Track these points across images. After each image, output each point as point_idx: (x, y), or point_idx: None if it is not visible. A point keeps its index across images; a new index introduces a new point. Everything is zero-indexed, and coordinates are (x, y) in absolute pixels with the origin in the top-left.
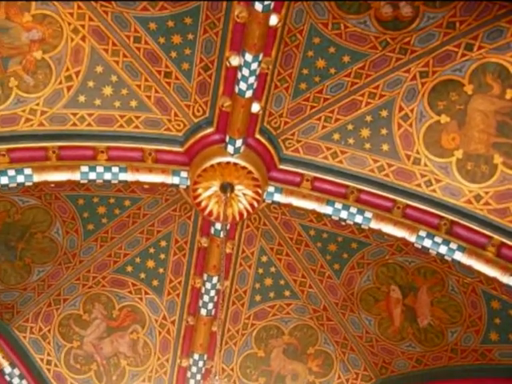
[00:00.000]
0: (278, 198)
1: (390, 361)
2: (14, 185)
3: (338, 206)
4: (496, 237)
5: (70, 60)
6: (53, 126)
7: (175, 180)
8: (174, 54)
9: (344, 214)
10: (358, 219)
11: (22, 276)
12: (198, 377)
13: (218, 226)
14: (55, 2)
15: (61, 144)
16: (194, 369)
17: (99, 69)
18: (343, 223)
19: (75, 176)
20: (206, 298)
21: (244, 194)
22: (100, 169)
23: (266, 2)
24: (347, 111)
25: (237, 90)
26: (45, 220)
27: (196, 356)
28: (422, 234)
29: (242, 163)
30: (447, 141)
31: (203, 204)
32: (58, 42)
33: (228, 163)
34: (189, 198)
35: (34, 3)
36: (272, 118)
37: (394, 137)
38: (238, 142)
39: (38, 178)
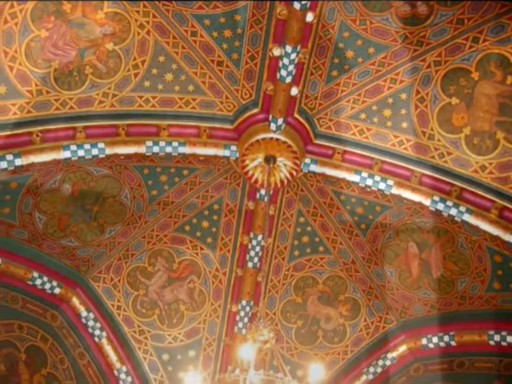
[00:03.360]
0: (313, 168)
1: (408, 306)
2: (89, 157)
3: (365, 175)
4: (499, 201)
5: (136, 51)
6: (122, 107)
7: (226, 153)
8: (225, 46)
9: (369, 182)
10: (382, 186)
11: (96, 234)
12: (245, 320)
13: (263, 191)
14: (124, 2)
15: (129, 122)
16: (241, 313)
17: (161, 58)
18: (369, 189)
19: (141, 149)
20: (252, 253)
21: (284, 165)
22: (162, 143)
23: (303, 2)
24: (372, 94)
25: (278, 76)
26: (115, 187)
27: (244, 302)
28: (436, 198)
29: (283, 138)
30: (457, 119)
31: (250, 173)
32: (126, 36)
33: (271, 138)
34: (238, 168)
35: (106, 2)
36: (308, 100)
37: (412, 116)
38: (280, 121)
39: (109, 151)
